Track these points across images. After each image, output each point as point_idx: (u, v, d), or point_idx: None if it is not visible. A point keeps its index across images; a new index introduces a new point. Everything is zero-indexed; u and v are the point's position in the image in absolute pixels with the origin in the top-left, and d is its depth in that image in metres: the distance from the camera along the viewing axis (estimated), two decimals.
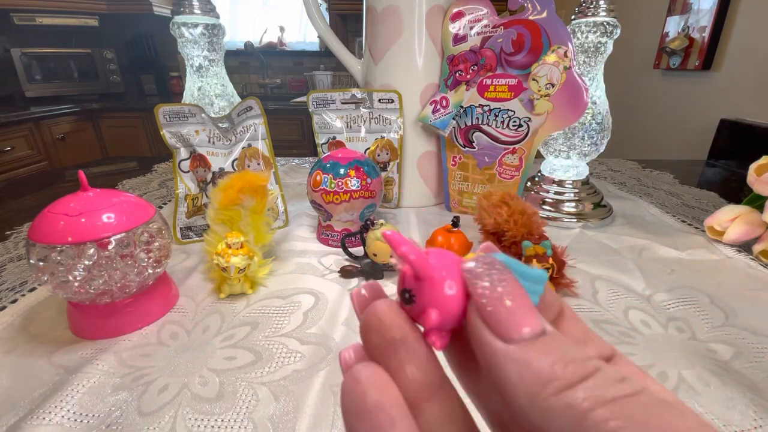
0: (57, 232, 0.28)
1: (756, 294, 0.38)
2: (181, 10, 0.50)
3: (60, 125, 1.81)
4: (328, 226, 0.46)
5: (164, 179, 0.74)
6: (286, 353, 0.30)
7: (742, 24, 0.98)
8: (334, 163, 0.43)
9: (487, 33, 0.49)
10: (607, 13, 0.47)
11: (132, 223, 0.31)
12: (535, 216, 0.40)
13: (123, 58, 2.25)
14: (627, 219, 0.55)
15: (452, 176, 0.57)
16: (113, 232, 0.29)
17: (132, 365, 0.29)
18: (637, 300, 0.37)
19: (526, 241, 0.37)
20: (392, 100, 0.54)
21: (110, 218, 0.29)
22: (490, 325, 0.09)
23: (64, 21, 1.98)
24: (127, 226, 0.30)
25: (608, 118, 0.52)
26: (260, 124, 0.50)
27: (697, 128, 1.12)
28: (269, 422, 0.25)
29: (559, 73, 0.45)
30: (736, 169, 0.84)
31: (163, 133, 0.46)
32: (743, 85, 0.98)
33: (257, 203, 0.39)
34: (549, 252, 0.36)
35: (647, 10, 1.31)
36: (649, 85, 1.33)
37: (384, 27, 0.54)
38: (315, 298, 0.37)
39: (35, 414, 0.25)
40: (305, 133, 2.04)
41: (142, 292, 0.33)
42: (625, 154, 0.98)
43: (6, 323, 0.34)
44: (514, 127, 0.50)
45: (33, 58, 1.90)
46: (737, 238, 0.45)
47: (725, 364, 0.29)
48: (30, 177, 0.85)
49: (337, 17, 2.27)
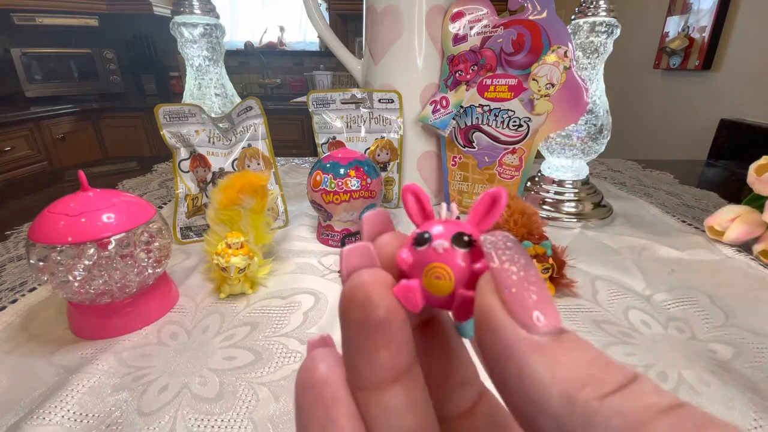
0: (57, 232, 0.28)
1: (756, 294, 0.38)
2: (181, 10, 0.50)
3: (60, 125, 1.81)
4: (328, 226, 0.46)
5: (164, 179, 0.74)
6: (286, 353, 0.30)
7: (742, 24, 0.98)
8: (334, 163, 0.43)
9: (487, 33, 0.49)
10: (607, 13, 0.47)
11: (132, 223, 0.31)
12: (535, 216, 0.40)
13: (123, 58, 2.25)
14: (627, 219, 0.55)
15: (452, 176, 0.57)
16: (113, 232, 0.29)
17: (132, 365, 0.29)
18: (637, 300, 0.37)
19: (526, 241, 0.37)
20: (392, 100, 0.54)
21: (110, 218, 0.30)
22: (514, 309, 0.08)
23: (64, 21, 1.98)
24: (127, 226, 0.30)
25: (608, 118, 0.52)
26: (260, 124, 0.50)
27: (697, 128, 1.12)
28: (269, 422, 0.25)
29: (559, 73, 0.45)
30: (736, 169, 0.84)
31: (163, 133, 0.46)
32: (743, 85, 0.98)
33: (257, 203, 0.39)
34: (549, 252, 0.36)
35: (647, 10, 1.31)
36: (649, 85, 1.33)
37: (384, 27, 0.54)
38: (315, 298, 0.37)
39: (35, 414, 0.25)
40: (305, 133, 2.04)
41: (142, 292, 0.33)
42: (625, 154, 0.98)
43: (6, 323, 0.34)
44: (514, 127, 0.50)
45: (33, 58, 1.90)
46: (737, 238, 0.45)
47: (725, 364, 0.29)
48: (30, 177, 0.85)
49: (337, 17, 2.27)
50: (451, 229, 0.09)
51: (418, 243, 0.09)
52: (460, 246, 0.09)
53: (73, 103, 1.89)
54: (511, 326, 0.07)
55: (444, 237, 0.09)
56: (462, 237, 0.09)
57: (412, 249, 0.10)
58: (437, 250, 0.09)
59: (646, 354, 0.30)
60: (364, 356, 0.09)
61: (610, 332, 0.32)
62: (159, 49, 2.37)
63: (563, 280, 0.37)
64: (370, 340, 0.09)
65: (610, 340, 0.32)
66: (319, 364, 0.09)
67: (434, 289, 0.09)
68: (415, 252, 0.09)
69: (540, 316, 0.07)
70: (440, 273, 0.09)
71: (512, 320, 0.08)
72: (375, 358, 0.09)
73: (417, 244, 0.09)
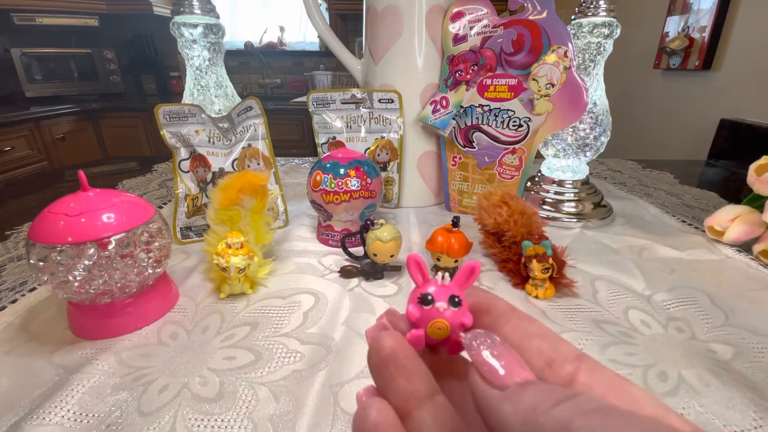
0: (57, 232, 0.28)
1: (756, 294, 0.38)
2: (181, 10, 0.50)
3: (60, 125, 1.81)
4: (328, 226, 0.46)
5: (164, 179, 0.74)
6: (286, 353, 0.30)
7: (742, 24, 0.98)
8: (334, 163, 0.43)
9: (487, 33, 0.49)
10: (607, 13, 0.47)
11: (132, 223, 0.31)
12: (535, 216, 0.40)
13: (123, 58, 2.25)
14: (627, 219, 0.55)
15: (452, 176, 0.57)
16: (113, 232, 0.29)
17: (132, 365, 0.29)
18: (637, 300, 0.37)
19: (526, 241, 0.37)
20: (392, 100, 0.54)
21: (110, 218, 0.29)
22: (485, 377, 0.11)
23: (64, 21, 1.98)
24: (127, 226, 0.30)
25: (608, 118, 0.52)
26: (260, 124, 0.50)
27: (697, 128, 1.12)
28: (269, 422, 0.25)
29: (559, 73, 0.45)
30: (736, 169, 0.84)
31: (163, 133, 0.46)
32: (743, 85, 0.98)
33: (257, 203, 0.39)
34: (549, 252, 0.36)
35: (647, 10, 1.31)
36: (649, 85, 1.33)
37: (384, 27, 0.54)
38: (315, 298, 0.37)
39: (35, 414, 0.25)
40: (305, 133, 2.04)
41: (142, 292, 0.33)
42: (625, 154, 0.98)
43: (6, 323, 0.34)
44: (514, 127, 0.50)
45: (33, 58, 1.90)
46: (737, 238, 0.45)
47: (725, 364, 0.29)
48: (30, 177, 0.85)
49: (337, 17, 2.27)
50: (446, 292, 0.13)
51: (423, 302, 0.13)
52: (453, 306, 0.13)
53: (73, 103, 1.89)
54: (488, 391, 0.11)
55: (442, 299, 0.13)
56: (455, 299, 0.13)
57: (418, 306, 0.13)
58: (439, 309, 0.13)
59: (646, 354, 0.30)
60: (388, 386, 0.12)
61: (610, 332, 0.32)
62: (159, 49, 2.37)
63: (563, 280, 0.37)
64: (388, 372, 0.12)
65: (610, 340, 0.32)
66: (369, 411, 0.12)
67: (436, 336, 0.13)
68: (421, 310, 0.13)
69: (512, 377, 0.10)
70: (441, 325, 0.13)
71: (489, 387, 0.11)
72: (395, 386, 0.12)
73: (422, 303, 0.13)
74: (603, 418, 0.09)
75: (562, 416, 0.09)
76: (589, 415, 0.09)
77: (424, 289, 0.13)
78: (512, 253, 0.40)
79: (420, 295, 0.13)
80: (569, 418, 0.09)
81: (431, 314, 0.13)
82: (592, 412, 0.09)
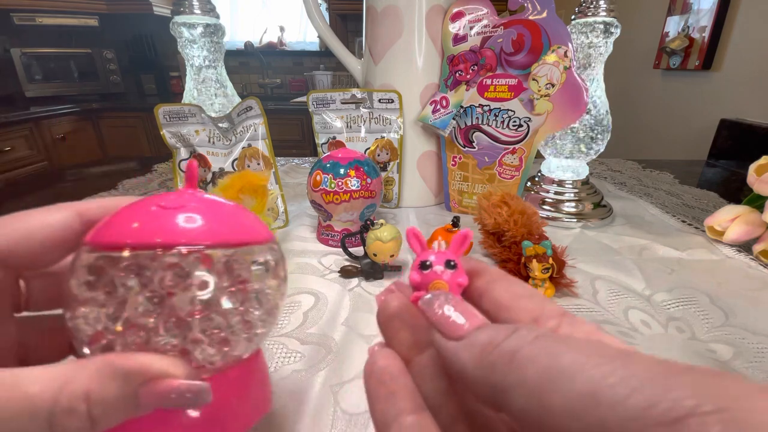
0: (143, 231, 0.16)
1: (756, 294, 0.38)
2: (181, 10, 0.50)
3: (60, 125, 1.81)
4: (328, 226, 0.46)
5: (164, 179, 0.74)
6: (286, 353, 0.30)
7: (742, 24, 0.98)
8: (334, 163, 0.43)
9: (487, 33, 0.49)
10: (607, 13, 0.47)
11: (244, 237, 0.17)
12: (535, 216, 0.40)
13: (123, 58, 2.25)
14: (627, 219, 0.55)
15: (452, 176, 0.57)
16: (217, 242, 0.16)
17: None
18: (637, 300, 0.37)
19: (526, 241, 0.37)
20: (392, 100, 0.54)
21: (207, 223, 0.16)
22: (443, 333, 0.12)
23: (64, 21, 1.98)
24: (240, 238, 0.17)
25: (608, 118, 0.52)
26: (260, 124, 0.50)
27: (697, 128, 1.12)
28: (269, 422, 0.25)
29: (559, 73, 0.45)
30: (736, 169, 0.84)
31: (163, 133, 0.46)
32: (743, 85, 0.98)
33: (257, 203, 0.39)
34: (549, 252, 0.36)
35: (647, 10, 1.31)
36: (649, 85, 1.33)
37: (384, 27, 0.54)
38: (315, 298, 0.37)
39: None
40: (305, 133, 2.04)
41: (227, 372, 0.16)
42: (625, 154, 0.98)
43: None
44: (514, 127, 0.50)
45: (33, 58, 1.90)
46: (737, 238, 0.45)
47: (725, 364, 0.29)
48: (30, 177, 0.85)
49: (337, 17, 2.27)
50: (442, 257, 0.15)
51: (422, 267, 0.14)
52: (450, 268, 0.14)
53: (73, 103, 1.89)
54: (446, 344, 0.12)
55: (439, 263, 0.14)
56: (450, 263, 0.14)
57: (419, 271, 0.14)
58: (437, 272, 0.14)
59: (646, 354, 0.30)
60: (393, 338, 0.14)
61: (610, 332, 0.32)
62: (159, 49, 2.37)
63: (563, 280, 0.37)
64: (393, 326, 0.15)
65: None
66: (378, 357, 0.13)
67: None
68: (421, 274, 0.14)
69: (462, 325, 0.11)
70: (440, 285, 0.14)
71: (446, 340, 0.12)
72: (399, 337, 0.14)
73: (422, 268, 0.14)
74: (545, 343, 0.09)
75: (509, 348, 0.10)
76: (532, 343, 0.10)
77: (423, 257, 0.15)
78: (512, 253, 0.40)
79: (420, 262, 0.15)
80: (515, 349, 0.10)
81: (430, 277, 0.14)
82: (534, 340, 0.10)
